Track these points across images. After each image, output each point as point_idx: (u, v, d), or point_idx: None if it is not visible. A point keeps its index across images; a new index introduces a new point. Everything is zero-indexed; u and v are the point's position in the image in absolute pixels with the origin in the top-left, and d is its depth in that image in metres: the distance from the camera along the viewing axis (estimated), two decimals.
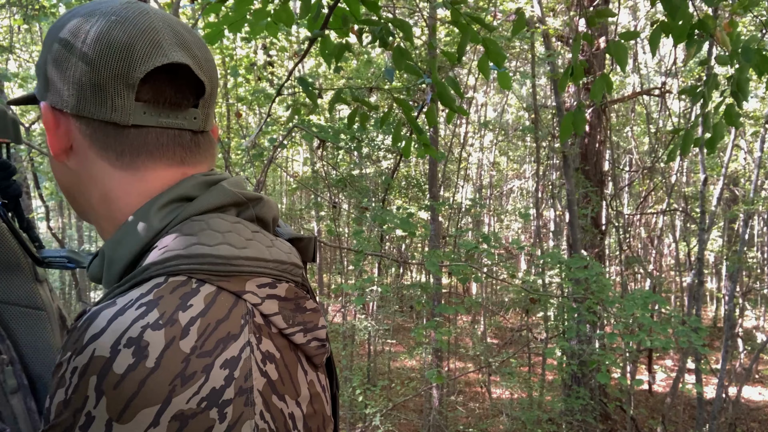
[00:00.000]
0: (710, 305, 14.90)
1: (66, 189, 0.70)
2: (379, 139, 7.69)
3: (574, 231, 6.32)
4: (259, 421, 0.54)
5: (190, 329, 0.52)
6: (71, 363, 0.50)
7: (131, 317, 0.51)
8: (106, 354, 0.49)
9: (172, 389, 0.49)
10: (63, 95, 0.63)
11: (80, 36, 0.62)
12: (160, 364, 0.49)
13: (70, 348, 0.51)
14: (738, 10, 2.06)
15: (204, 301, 0.54)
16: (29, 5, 5.63)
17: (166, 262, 0.56)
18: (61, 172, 0.68)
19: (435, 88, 2.07)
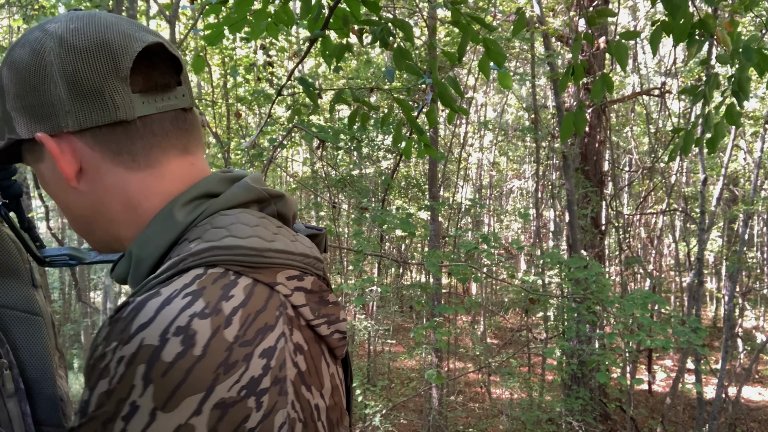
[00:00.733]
0: (710, 305, 14.90)
1: (83, 220, 0.67)
2: (379, 139, 7.68)
3: (573, 231, 6.32)
4: (290, 411, 0.55)
5: (232, 319, 0.53)
6: (117, 352, 0.51)
7: (179, 306, 0.52)
8: (155, 342, 0.50)
9: (216, 377, 0.51)
10: (56, 118, 0.61)
11: (45, 55, 0.60)
12: (206, 353, 0.51)
13: (116, 338, 0.52)
14: (738, 10, 2.06)
15: (244, 292, 0.55)
16: (29, 5, 5.63)
17: (201, 253, 0.57)
18: (74, 202, 0.65)
19: (435, 89, 2.07)
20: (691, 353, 6.80)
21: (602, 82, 1.99)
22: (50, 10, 5.90)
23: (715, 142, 2.04)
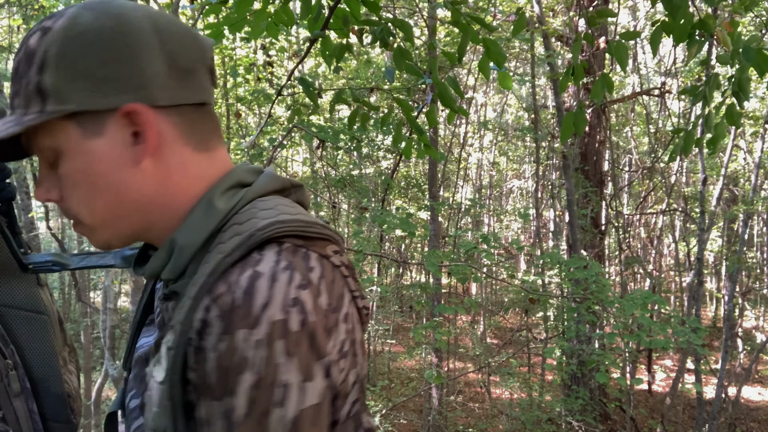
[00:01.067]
0: (710, 305, 14.90)
1: (123, 206, 0.64)
2: (378, 139, 7.68)
3: (573, 231, 6.32)
4: (359, 371, 0.63)
5: (320, 288, 0.58)
6: (251, 337, 0.53)
7: (284, 281, 0.55)
8: (282, 316, 0.54)
9: (326, 341, 0.56)
10: (147, 90, 0.61)
11: (140, 30, 0.60)
12: (316, 320, 0.56)
13: (241, 326, 0.53)
14: (738, 10, 2.06)
15: (318, 264, 0.60)
16: (29, 5, 5.63)
17: (266, 228, 0.59)
18: (128, 183, 0.63)
19: (435, 89, 2.07)
20: (690, 353, 6.80)
21: (602, 82, 1.99)
22: (50, 9, 5.89)
23: (716, 142, 2.04)
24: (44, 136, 0.62)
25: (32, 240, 5.74)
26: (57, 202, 0.65)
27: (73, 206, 0.64)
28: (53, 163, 0.64)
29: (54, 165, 0.64)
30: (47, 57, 0.59)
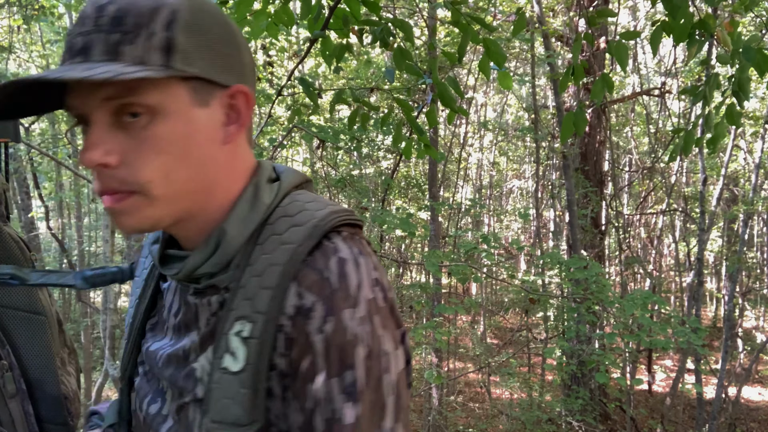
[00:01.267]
0: (710, 305, 14.90)
1: (198, 181, 0.64)
2: (379, 139, 7.68)
3: (573, 231, 6.31)
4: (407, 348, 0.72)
5: (380, 269, 0.65)
6: (356, 315, 0.60)
7: (365, 264, 0.62)
8: (372, 294, 0.62)
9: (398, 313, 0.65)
10: (243, 77, 0.67)
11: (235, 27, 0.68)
12: (392, 296, 0.64)
13: (344, 306, 0.60)
14: (738, 10, 2.06)
15: (369, 248, 0.67)
16: (29, 5, 5.63)
17: (327, 218, 0.65)
18: (213, 158, 0.65)
19: (435, 89, 2.07)
20: (690, 353, 6.80)
21: (602, 82, 1.99)
22: (50, 9, 5.89)
23: (716, 142, 2.04)
24: (152, 92, 0.60)
25: (32, 240, 5.74)
26: (111, 166, 0.60)
27: (145, 172, 0.60)
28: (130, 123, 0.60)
29: (127, 126, 0.60)
30: (177, 17, 0.61)
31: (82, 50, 0.59)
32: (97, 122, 0.60)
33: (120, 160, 0.60)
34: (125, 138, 0.60)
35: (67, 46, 0.61)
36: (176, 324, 0.72)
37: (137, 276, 0.84)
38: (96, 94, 0.59)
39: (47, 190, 8.43)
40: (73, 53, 0.59)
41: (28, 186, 5.82)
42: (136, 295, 0.81)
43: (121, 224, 0.63)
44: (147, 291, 0.80)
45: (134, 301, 0.81)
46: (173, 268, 0.69)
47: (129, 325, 0.80)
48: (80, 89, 0.60)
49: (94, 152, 0.59)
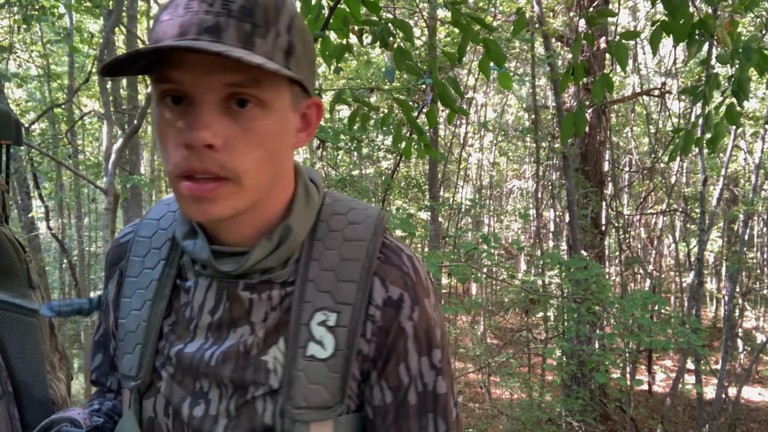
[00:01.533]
0: (710, 306, 14.89)
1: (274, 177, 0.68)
2: (379, 139, 7.68)
3: (573, 231, 6.31)
4: None
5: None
6: (431, 303, 0.72)
7: (416, 258, 0.74)
8: (430, 284, 0.74)
9: None
10: (313, 85, 0.72)
11: None
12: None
13: (423, 295, 0.71)
14: (738, 10, 2.06)
15: None
16: (29, 5, 5.63)
17: (378, 217, 0.74)
18: (288, 156, 0.70)
19: (435, 89, 2.07)
20: (691, 354, 6.80)
21: (602, 82, 1.99)
22: (50, 9, 5.89)
23: (716, 142, 2.04)
24: (269, 88, 0.63)
25: (32, 240, 5.74)
26: (216, 149, 0.61)
27: (244, 161, 0.62)
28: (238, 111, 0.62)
29: (234, 114, 0.62)
30: (295, 24, 0.65)
31: (214, 29, 0.60)
32: (207, 103, 0.61)
33: (224, 144, 0.61)
34: (231, 124, 0.62)
35: (188, 18, 0.60)
36: (215, 322, 0.72)
37: (131, 277, 0.78)
38: (220, 77, 0.60)
39: (47, 190, 8.42)
40: (202, 30, 0.59)
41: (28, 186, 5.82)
42: (145, 296, 0.76)
43: (203, 211, 0.63)
44: (162, 291, 0.75)
45: (141, 302, 0.76)
46: (227, 263, 0.70)
47: (142, 329, 0.75)
48: (199, 67, 0.60)
49: (205, 132, 0.60)
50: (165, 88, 0.62)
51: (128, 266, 0.78)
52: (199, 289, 0.73)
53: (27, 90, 9.13)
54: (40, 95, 9.17)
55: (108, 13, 4.48)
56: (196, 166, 0.61)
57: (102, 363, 0.87)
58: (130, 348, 0.76)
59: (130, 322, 0.76)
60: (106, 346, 0.86)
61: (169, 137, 0.62)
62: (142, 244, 0.79)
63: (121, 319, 0.77)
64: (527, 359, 9.23)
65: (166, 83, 0.61)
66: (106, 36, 3.84)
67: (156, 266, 0.76)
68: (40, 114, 7.10)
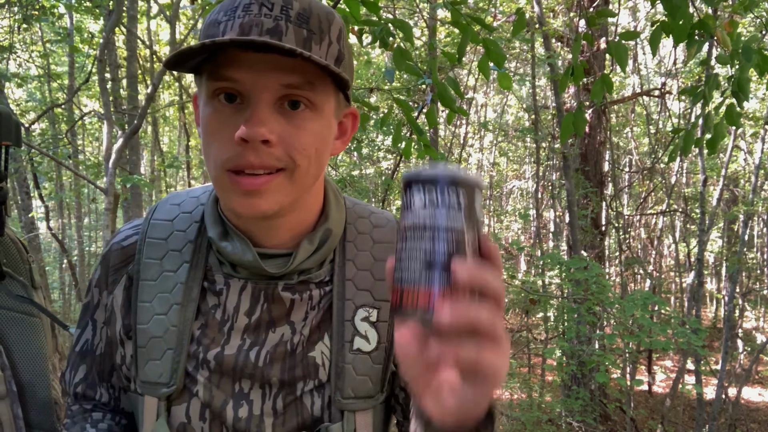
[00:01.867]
0: (710, 306, 14.88)
1: (317, 177, 0.70)
2: (379, 139, 7.68)
3: (573, 232, 6.31)
4: None
5: None
6: None
7: None
8: None
9: None
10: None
11: None
12: None
13: None
14: (738, 11, 2.06)
15: None
16: (29, 5, 5.63)
17: (394, 220, 0.81)
18: (326, 158, 0.71)
19: (435, 89, 2.07)
20: (691, 354, 6.79)
21: (602, 82, 1.99)
22: (50, 9, 5.89)
23: (716, 142, 2.04)
24: (321, 92, 0.66)
25: (32, 240, 5.74)
26: (271, 144, 0.63)
27: (298, 155, 0.65)
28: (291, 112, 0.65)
29: (287, 114, 0.64)
30: (343, 34, 0.68)
31: (274, 31, 0.62)
32: (264, 102, 0.63)
33: (278, 140, 0.64)
34: (284, 123, 0.64)
35: (249, 20, 0.62)
36: (253, 323, 0.73)
37: (148, 280, 0.75)
38: (278, 77, 0.62)
39: (47, 191, 8.42)
40: (263, 31, 0.62)
41: (29, 186, 5.81)
42: (171, 300, 0.73)
43: (252, 205, 0.65)
44: (191, 294, 0.74)
45: (167, 306, 0.73)
46: (271, 265, 0.72)
47: (172, 333, 0.73)
48: (258, 66, 0.62)
49: (263, 128, 0.62)
50: (221, 86, 0.63)
51: (142, 269, 0.76)
52: (232, 291, 0.73)
53: (27, 90, 9.13)
54: (40, 95, 9.17)
55: (108, 13, 4.48)
56: (252, 161, 0.63)
57: (88, 374, 0.82)
58: (158, 354, 0.73)
59: (154, 327, 0.73)
60: (93, 355, 0.82)
61: (219, 133, 0.64)
62: (156, 246, 0.76)
63: (140, 324, 0.74)
64: (527, 359, 9.22)
65: (222, 81, 0.63)
66: (106, 36, 3.84)
67: (179, 269, 0.75)
68: (40, 114, 7.10)
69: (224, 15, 0.64)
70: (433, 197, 0.47)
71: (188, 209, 0.79)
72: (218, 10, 0.65)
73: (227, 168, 0.64)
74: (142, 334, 0.74)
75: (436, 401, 0.48)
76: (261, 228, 0.72)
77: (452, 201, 0.47)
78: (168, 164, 7.75)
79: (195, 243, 0.76)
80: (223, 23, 0.63)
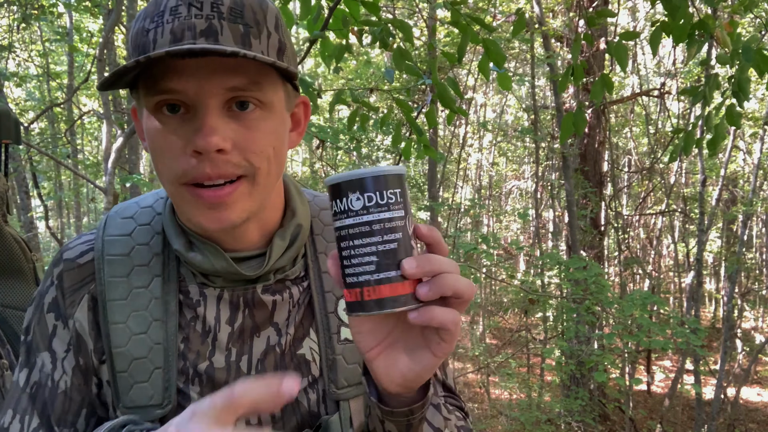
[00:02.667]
0: (709, 306, 14.90)
1: (279, 174, 0.69)
2: (378, 139, 7.68)
3: (573, 232, 6.31)
4: None
5: None
6: None
7: None
8: None
9: None
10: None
11: None
12: None
13: None
14: (738, 11, 2.06)
15: None
16: (28, 4, 5.62)
17: None
18: (284, 153, 0.70)
19: (435, 89, 2.07)
20: (690, 354, 6.80)
21: (602, 82, 1.99)
22: (49, 9, 5.89)
23: (716, 143, 2.04)
24: (269, 89, 0.63)
25: (31, 240, 5.74)
26: (226, 152, 0.61)
27: (255, 158, 0.62)
28: (240, 113, 0.61)
29: (237, 116, 0.61)
30: (280, 22, 0.65)
31: (209, 32, 0.59)
32: (212, 108, 0.60)
33: (233, 146, 0.61)
34: (236, 127, 0.61)
35: (179, 24, 0.59)
36: (236, 331, 0.71)
37: (116, 300, 0.69)
38: (222, 81, 0.59)
39: (46, 190, 8.42)
40: (197, 33, 0.59)
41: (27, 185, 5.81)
42: (149, 317, 0.69)
43: (219, 219, 0.63)
44: (169, 308, 0.70)
45: (146, 324, 0.69)
46: (246, 268, 0.70)
47: (157, 351, 0.69)
48: (200, 72, 0.59)
49: (216, 137, 0.59)
50: (162, 98, 0.60)
51: (108, 289, 0.70)
52: (209, 302, 0.71)
53: (26, 89, 9.12)
54: (40, 94, 9.17)
55: (107, 13, 4.48)
56: (209, 172, 0.60)
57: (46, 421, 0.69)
58: (144, 375, 0.68)
59: (135, 348, 0.68)
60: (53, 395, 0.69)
61: (168, 147, 0.61)
62: (118, 263, 0.71)
63: (117, 348, 0.68)
64: (526, 359, 9.23)
65: (162, 94, 0.60)
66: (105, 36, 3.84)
67: (150, 283, 0.70)
68: (39, 113, 7.10)
69: (151, 22, 0.60)
70: (372, 199, 0.52)
71: (145, 221, 0.74)
72: (143, 16, 0.62)
73: (183, 182, 0.61)
74: (121, 357, 0.68)
75: (387, 372, 0.58)
76: (228, 233, 0.69)
77: (389, 199, 0.52)
78: None
79: (162, 255, 0.72)
80: (152, 31, 0.59)
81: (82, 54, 7.58)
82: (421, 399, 0.62)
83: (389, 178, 0.52)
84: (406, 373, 0.58)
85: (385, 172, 0.52)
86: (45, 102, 8.48)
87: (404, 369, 0.57)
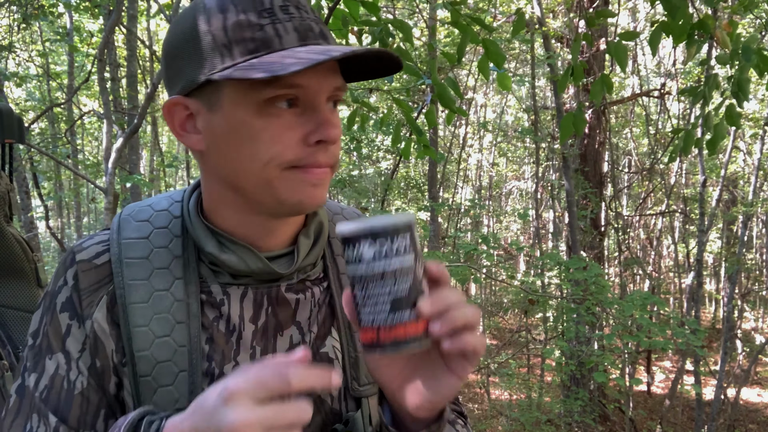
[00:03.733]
0: (709, 307, 14.89)
1: None
2: (378, 139, 7.68)
3: (573, 232, 6.31)
4: None
5: None
6: None
7: None
8: None
9: None
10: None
11: None
12: None
13: None
14: (738, 11, 2.06)
15: None
16: (29, 4, 5.62)
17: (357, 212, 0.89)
18: None
19: (435, 89, 2.07)
20: (690, 354, 6.80)
21: (602, 83, 1.99)
22: (50, 9, 5.89)
23: (715, 143, 2.04)
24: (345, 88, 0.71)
25: (32, 240, 5.74)
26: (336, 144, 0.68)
27: (338, 151, 0.69)
28: (333, 111, 0.68)
29: (333, 113, 0.68)
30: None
31: (323, 34, 0.66)
32: (324, 104, 0.66)
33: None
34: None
35: (298, 24, 0.63)
36: (260, 329, 0.71)
37: (138, 303, 0.69)
38: (332, 81, 0.66)
39: (46, 190, 8.43)
40: (316, 35, 0.64)
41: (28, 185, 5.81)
42: (172, 320, 0.68)
43: (319, 197, 0.68)
44: (192, 310, 0.69)
45: (169, 327, 0.68)
46: (279, 265, 0.72)
47: (182, 354, 0.68)
48: (320, 73, 0.64)
49: (338, 130, 0.65)
50: (284, 92, 0.63)
51: (128, 292, 0.69)
52: (233, 300, 0.71)
53: (26, 89, 9.13)
54: (40, 94, 9.17)
55: (108, 13, 4.48)
56: (321, 160, 0.66)
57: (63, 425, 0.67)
58: (169, 379, 0.68)
59: (159, 352, 0.68)
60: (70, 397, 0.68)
61: (281, 137, 0.64)
62: (137, 266, 0.70)
63: (140, 351, 0.68)
64: (526, 360, 9.23)
65: (287, 88, 0.62)
66: (105, 35, 3.84)
67: (172, 286, 0.70)
68: (39, 113, 7.10)
69: (259, 16, 0.62)
70: (383, 248, 0.55)
71: (162, 224, 0.73)
72: (233, 8, 0.62)
73: (292, 166, 0.65)
74: (145, 361, 0.67)
75: (413, 401, 0.62)
76: (265, 229, 0.71)
77: (399, 247, 0.56)
78: (167, 164, 7.75)
79: (182, 257, 0.71)
80: (269, 26, 0.62)
81: (82, 54, 7.59)
82: (438, 417, 0.66)
83: (399, 227, 0.56)
84: (432, 397, 0.61)
85: (395, 222, 0.56)
86: (45, 102, 8.48)
87: (429, 395, 0.61)
